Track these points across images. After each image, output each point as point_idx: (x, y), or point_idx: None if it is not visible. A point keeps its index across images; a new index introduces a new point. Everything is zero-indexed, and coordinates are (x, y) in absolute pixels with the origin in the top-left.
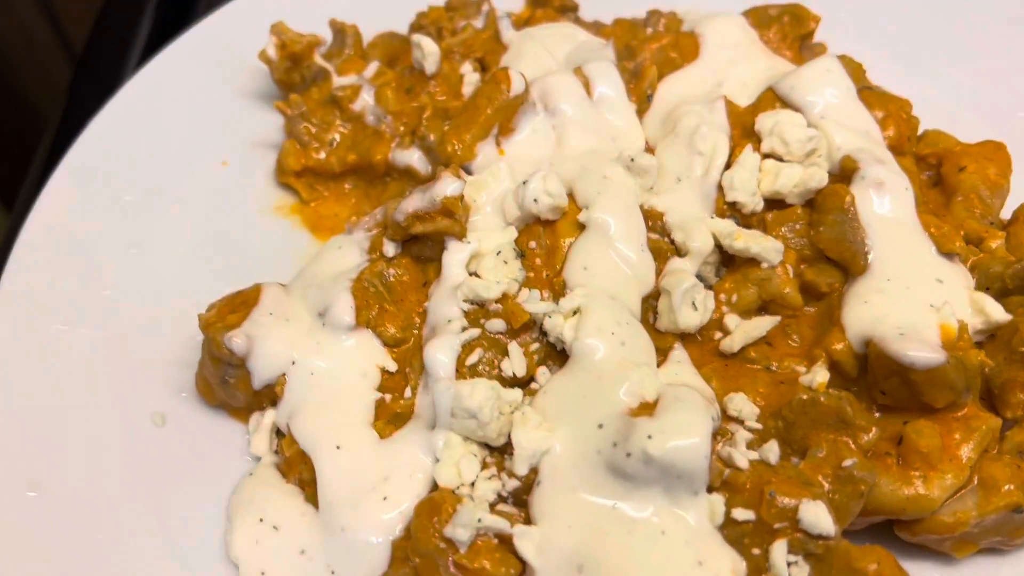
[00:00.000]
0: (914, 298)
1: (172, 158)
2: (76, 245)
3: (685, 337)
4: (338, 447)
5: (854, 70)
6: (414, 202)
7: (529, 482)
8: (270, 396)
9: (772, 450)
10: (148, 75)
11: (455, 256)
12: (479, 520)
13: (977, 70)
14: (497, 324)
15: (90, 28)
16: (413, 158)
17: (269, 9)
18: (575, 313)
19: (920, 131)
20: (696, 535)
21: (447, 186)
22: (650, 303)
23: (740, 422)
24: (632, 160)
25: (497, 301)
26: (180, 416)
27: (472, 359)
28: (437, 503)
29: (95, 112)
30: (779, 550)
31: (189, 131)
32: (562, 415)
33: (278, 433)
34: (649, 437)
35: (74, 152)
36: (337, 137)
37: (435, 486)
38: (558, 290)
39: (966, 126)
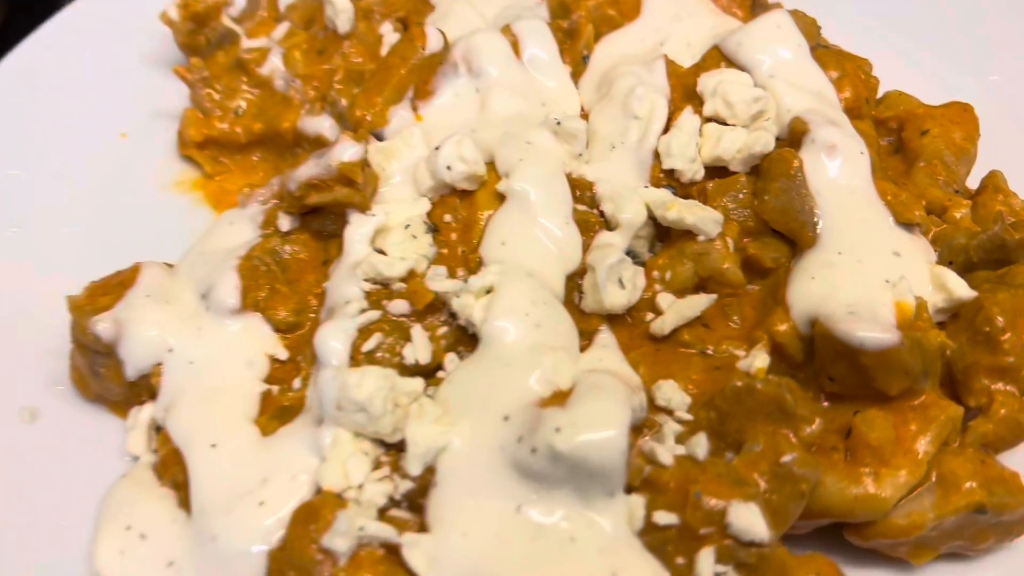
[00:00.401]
0: (867, 273)
1: (65, 129)
2: None
3: (613, 319)
4: (213, 445)
5: (807, 26)
6: (309, 169)
7: (425, 483)
8: (149, 388)
9: (700, 444)
10: (39, 40)
11: (358, 230)
12: (361, 528)
13: (944, 31)
14: (400, 306)
15: None
16: (324, 126)
17: None
18: (488, 292)
19: (881, 93)
20: (611, 542)
21: (345, 151)
22: (576, 282)
23: (669, 413)
24: (558, 124)
25: (402, 280)
26: (53, 411)
27: (369, 345)
28: (316, 509)
29: None
30: (706, 559)
31: (85, 100)
32: (466, 407)
33: (157, 430)
34: (557, 430)
35: None
36: (243, 104)
37: (320, 490)
38: (474, 268)
39: (931, 88)
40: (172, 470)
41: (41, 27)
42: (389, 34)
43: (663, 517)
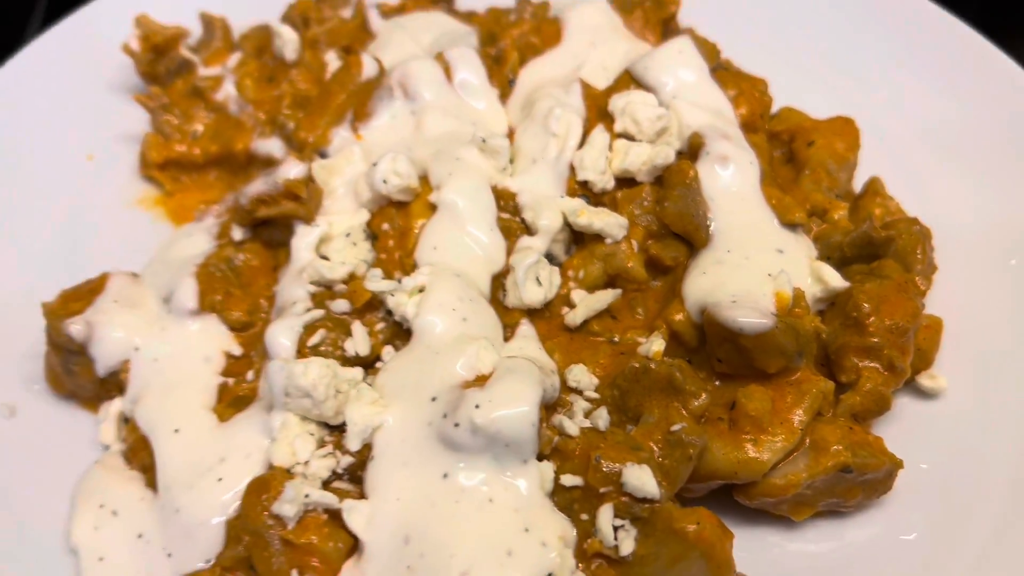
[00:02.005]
0: (753, 268)
1: (36, 153)
2: None
3: (533, 313)
4: (176, 430)
5: (708, 51)
6: (258, 186)
7: (363, 458)
8: (117, 384)
9: (602, 416)
10: (12, 70)
11: (303, 240)
12: (307, 496)
13: (836, 54)
14: (341, 304)
15: None
16: (274, 147)
17: (142, 4)
18: (420, 291)
19: (777, 109)
20: (525, 502)
21: (290, 169)
22: (500, 281)
23: (579, 393)
24: (484, 141)
25: (344, 282)
26: (30, 407)
27: (314, 340)
28: (266, 481)
29: None
30: (605, 514)
31: (54, 125)
32: (399, 391)
33: (125, 421)
34: (477, 406)
35: None
36: (200, 128)
37: (271, 466)
38: (410, 270)
39: (823, 107)
40: (140, 455)
41: (13, 56)
42: (333, 62)
43: (569, 480)
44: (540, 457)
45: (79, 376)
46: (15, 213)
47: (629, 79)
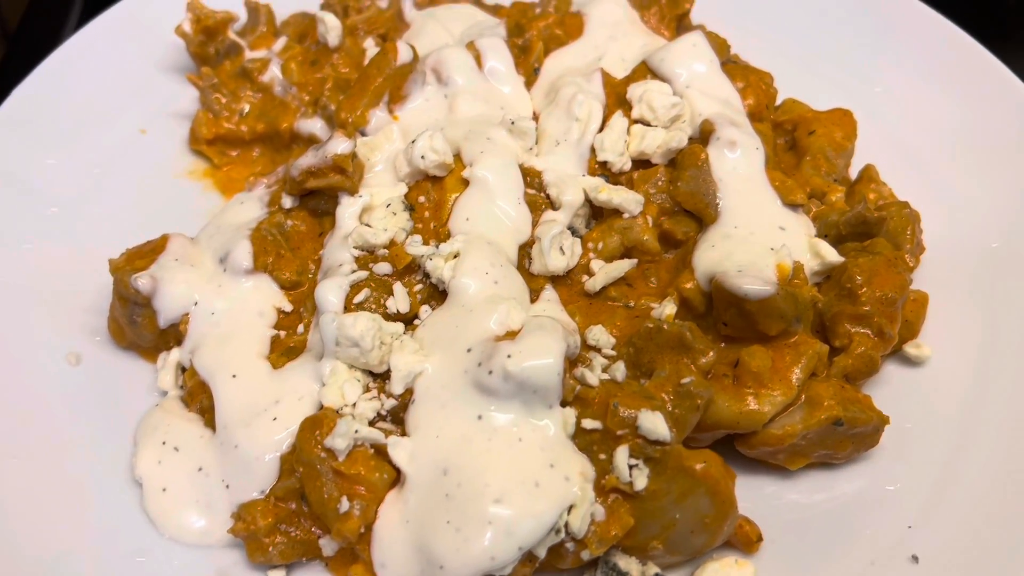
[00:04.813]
0: (757, 242)
1: (93, 126)
2: None
3: (555, 280)
4: (234, 376)
5: (719, 45)
6: (308, 159)
7: (405, 401)
8: (175, 336)
9: (619, 369)
10: (70, 49)
11: (347, 209)
12: (356, 431)
13: (837, 50)
14: (383, 267)
15: (23, 9)
16: (316, 127)
17: None
18: (455, 257)
19: (780, 101)
20: (550, 442)
21: (338, 145)
22: (526, 251)
23: (598, 350)
24: (513, 123)
25: (385, 247)
26: (94, 356)
27: (359, 297)
28: (320, 419)
29: None
30: (621, 454)
31: (110, 101)
32: (437, 343)
33: (182, 370)
34: (509, 356)
35: None
36: (247, 107)
37: (321, 408)
38: (443, 239)
39: (823, 99)
40: (198, 398)
41: (73, 36)
42: (371, 48)
43: (589, 423)
44: (563, 404)
45: (142, 327)
46: (74, 181)
47: (645, 70)
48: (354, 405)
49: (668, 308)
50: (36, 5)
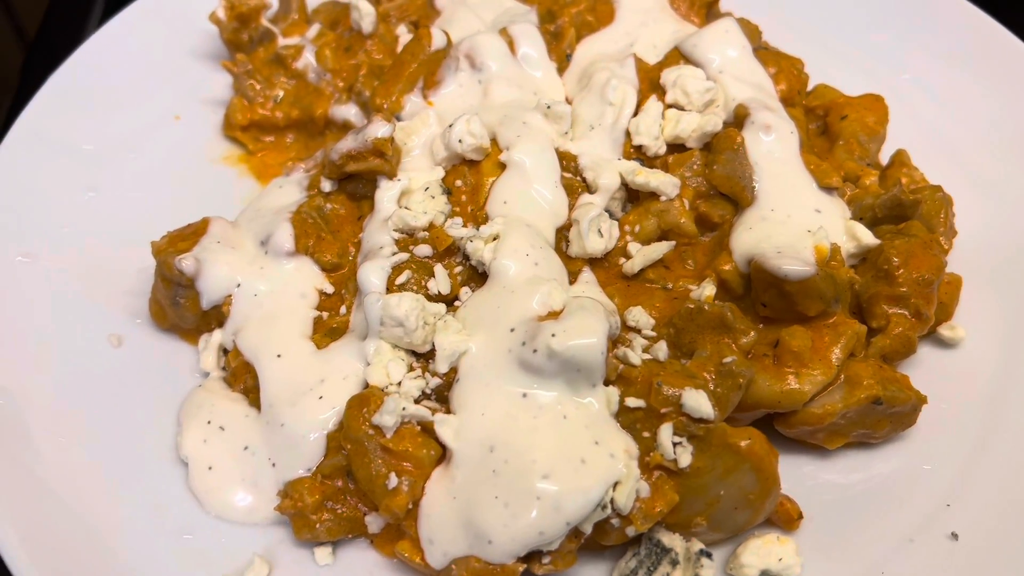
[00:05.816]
0: (794, 224)
1: (128, 112)
2: (38, 187)
3: (593, 262)
4: (279, 356)
5: (751, 31)
6: (348, 143)
7: (449, 379)
8: (217, 318)
9: (661, 349)
10: (105, 36)
11: (387, 192)
12: (403, 409)
13: (867, 37)
14: (424, 249)
15: (43, 13)
16: (350, 113)
17: None
18: (495, 239)
19: (811, 87)
20: (594, 420)
21: (378, 129)
22: (563, 234)
23: (637, 331)
24: (548, 108)
25: (425, 230)
26: (135, 338)
27: (401, 279)
28: (367, 396)
29: None
30: (665, 432)
31: (144, 87)
32: (480, 323)
33: (224, 351)
34: (553, 335)
35: (35, 103)
36: (281, 93)
37: (366, 386)
38: (481, 222)
39: (854, 85)
40: (242, 378)
41: (106, 24)
42: (404, 35)
43: (633, 402)
44: (606, 383)
45: (184, 309)
46: (111, 165)
47: (678, 56)
48: (399, 384)
49: (708, 289)
50: (55, 10)
